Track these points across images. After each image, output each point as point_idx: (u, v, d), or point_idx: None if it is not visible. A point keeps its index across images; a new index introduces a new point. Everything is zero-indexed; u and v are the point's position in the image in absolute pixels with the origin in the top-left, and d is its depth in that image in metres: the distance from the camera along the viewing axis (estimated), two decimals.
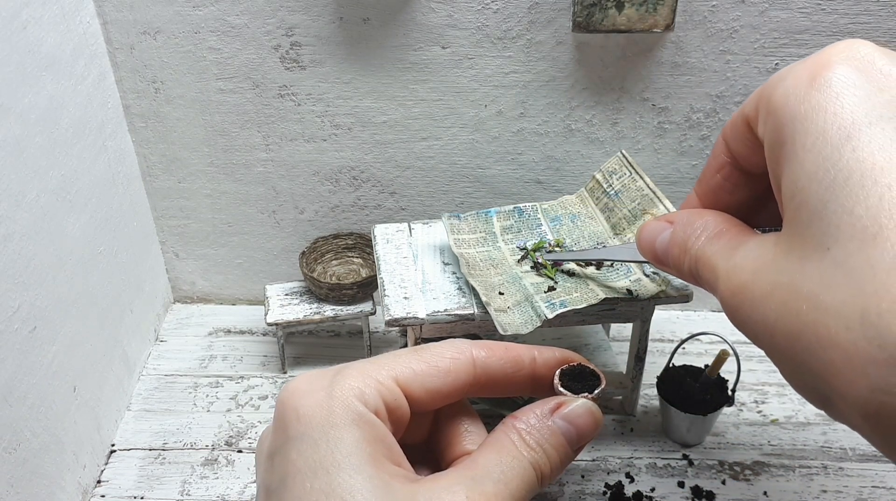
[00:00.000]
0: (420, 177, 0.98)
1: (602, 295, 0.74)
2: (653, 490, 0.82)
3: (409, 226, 0.89)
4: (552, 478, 0.32)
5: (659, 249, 0.36)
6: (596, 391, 0.33)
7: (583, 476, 0.84)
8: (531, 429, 0.31)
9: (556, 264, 0.80)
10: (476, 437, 0.34)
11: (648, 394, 0.93)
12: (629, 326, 0.93)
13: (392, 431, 0.31)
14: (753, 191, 0.35)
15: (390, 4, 0.85)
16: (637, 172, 0.85)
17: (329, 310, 0.95)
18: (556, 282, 0.78)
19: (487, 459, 0.30)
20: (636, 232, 0.38)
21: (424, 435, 0.35)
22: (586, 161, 0.95)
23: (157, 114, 0.93)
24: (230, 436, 0.90)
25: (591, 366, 0.35)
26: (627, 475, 0.84)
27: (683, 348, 0.90)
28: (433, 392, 0.32)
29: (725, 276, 0.30)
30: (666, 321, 1.04)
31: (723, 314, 1.08)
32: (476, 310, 0.77)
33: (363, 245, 1.01)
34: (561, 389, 0.33)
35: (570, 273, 0.79)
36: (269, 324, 0.94)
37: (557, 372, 0.34)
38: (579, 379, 0.34)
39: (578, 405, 0.32)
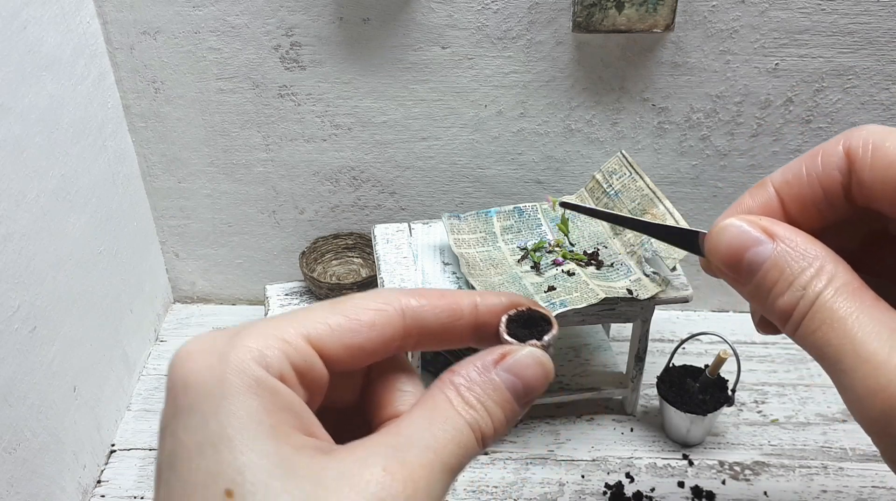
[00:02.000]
0: (420, 177, 0.98)
1: (602, 295, 0.74)
2: (653, 490, 0.82)
3: (409, 226, 0.89)
4: (496, 438, 0.28)
5: (749, 262, 0.29)
6: (545, 338, 0.29)
7: (583, 476, 0.84)
8: (471, 384, 0.28)
9: (567, 207, 0.77)
10: (411, 397, 0.30)
11: (648, 394, 0.93)
12: (629, 326, 0.93)
13: (306, 397, 0.27)
14: (843, 217, 0.31)
15: (390, 4, 0.85)
16: (637, 172, 0.85)
17: None
18: (568, 238, 0.77)
19: (416, 423, 0.27)
20: (712, 227, 0.31)
21: (357, 396, 0.31)
22: (586, 161, 0.95)
23: (157, 114, 0.93)
24: None
25: (543, 310, 0.30)
26: (627, 475, 0.84)
27: (683, 348, 0.90)
28: (354, 349, 0.28)
29: (893, 368, 0.25)
30: (666, 321, 1.04)
31: (723, 314, 1.08)
32: None
33: (363, 245, 1.01)
34: (506, 337, 0.29)
35: (570, 273, 0.79)
36: None
37: (504, 318, 0.30)
38: (528, 326, 0.30)
39: (524, 355, 0.28)
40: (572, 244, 0.84)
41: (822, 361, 0.27)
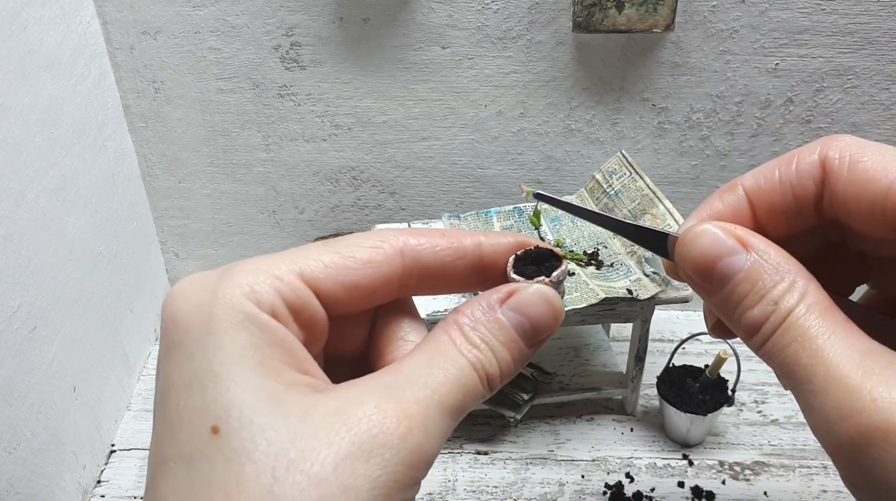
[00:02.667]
0: (420, 177, 0.98)
1: (602, 295, 0.74)
2: (653, 490, 0.82)
3: (410, 226, 0.89)
4: (503, 380, 0.27)
5: (721, 272, 0.28)
6: (554, 274, 0.28)
7: (583, 476, 0.84)
8: (475, 323, 0.26)
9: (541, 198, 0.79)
10: (414, 346, 0.28)
11: (648, 394, 0.93)
12: (629, 326, 0.93)
13: (302, 337, 0.26)
14: (806, 227, 0.30)
15: (390, 4, 0.85)
16: (637, 173, 0.85)
17: None
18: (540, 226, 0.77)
19: (416, 361, 0.26)
20: (683, 232, 0.29)
21: (365, 345, 0.30)
22: (586, 161, 0.95)
23: (157, 114, 0.93)
24: None
25: (552, 247, 0.29)
26: (627, 475, 0.84)
27: (683, 348, 0.90)
28: (351, 288, 0.27)
29: (868, 399, 0.24)
30: (666, 321, 1.04)
31: None
32: None
33: None
34: (513, 275, 0.28)
35: (570, 273, 0.79)
36: None
37: (511, 258, 0.29)
38: (537, 263, 0.29)
39: (531, 293, 0.27)
40: (549, 240, 0.84)
41: (790, 378, 0.26)
